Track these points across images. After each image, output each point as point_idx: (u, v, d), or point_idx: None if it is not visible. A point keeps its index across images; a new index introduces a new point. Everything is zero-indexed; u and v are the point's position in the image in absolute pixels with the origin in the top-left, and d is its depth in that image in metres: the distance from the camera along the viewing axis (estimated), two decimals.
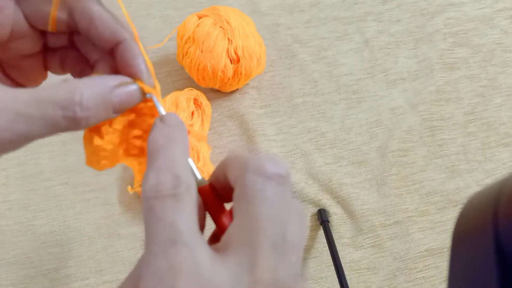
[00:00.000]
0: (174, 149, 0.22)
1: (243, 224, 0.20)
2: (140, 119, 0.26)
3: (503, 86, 0.66)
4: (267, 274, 0.19)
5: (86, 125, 0.22)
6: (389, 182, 0.59)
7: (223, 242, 0.21)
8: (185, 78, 0.65)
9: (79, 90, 0.22)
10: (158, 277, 0.19)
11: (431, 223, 0.57)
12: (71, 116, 0.22)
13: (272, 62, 0.67)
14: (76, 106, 0.21)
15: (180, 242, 0.19)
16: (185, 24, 0.61)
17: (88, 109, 0.22)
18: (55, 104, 0.21)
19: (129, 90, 0.24)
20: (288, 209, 0.21)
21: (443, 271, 0.55)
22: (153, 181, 0.21)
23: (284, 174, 0.21)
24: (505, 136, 0.63)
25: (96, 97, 0.22)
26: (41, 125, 0.21)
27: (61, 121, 0.21)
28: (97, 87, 0.23)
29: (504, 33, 0.70)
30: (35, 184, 0.58)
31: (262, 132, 0.62)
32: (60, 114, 0.21)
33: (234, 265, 0.19)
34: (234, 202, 0.21)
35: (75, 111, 0.22)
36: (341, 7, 0.72)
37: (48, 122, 0.21)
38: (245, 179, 0.21)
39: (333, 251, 0.53)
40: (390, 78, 0.67)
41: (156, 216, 0.20)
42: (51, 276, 0.54)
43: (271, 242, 0.20)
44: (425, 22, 0.71)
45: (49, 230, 0.56)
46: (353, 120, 0.64)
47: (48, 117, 0.21)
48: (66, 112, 0.21)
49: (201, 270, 0.19)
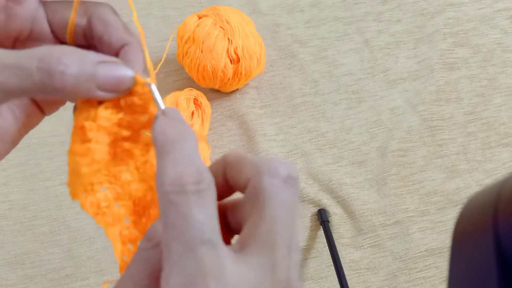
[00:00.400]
0: (189, 143, 0.21)
1: (261, 226, 0.20)
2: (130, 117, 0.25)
3: (503, 86, 0.66)
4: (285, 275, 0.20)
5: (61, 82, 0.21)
6: (389, 182, 0.59)
7: (241, 243, 0.21)
8: (185, 78, 0.65)
9: (60, 49, 0.22)
10: (187, 279, 0.18)
11: (431, 223, 0.57)
12: (45, 67, 0.21)
13: (272, 62, 0.67)
14: (52, 58, 0.21)
15: (208, 243, 0.19)
16: (185, 24, 0.61)
17: (66, 65, 0.21)
18: (32, 56, 0.21)
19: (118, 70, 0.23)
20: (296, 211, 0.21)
21: (443, 271, 0.55)
22: (174, 174, 0.20)
23: (296, 177, 0.21)
24: (505, 136, 0.63)
25: (78, 60, 0.22)
26: (14, 74, 0.21)
27: (35, 73, 0.21)
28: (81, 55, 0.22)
29: (504, 33, 0.70)
30: (35, 184, 0.58)
31: (262, 132, 0.62)
32: (35, 64, 0.21)
33: (256, 266, 0.19)
34: (247, 204, 0.21)
35: (51, 62, 0.21)
36: (341, 7, 0.72)
37: (22, 72, 0.21)
38: (262, 181, 0.21)
39: (333, 251, 0.53)
40: (390, 78, 0.67)
41: (181, 213, 0.19)
42: (51, 276, 0.54)
43: (287, 243, 0.20)
44: (425, 22, 0.71)
45: (49, 230, 0.56)
46: (353, 120, 0.64)
47: (22, 67, 0.21)
48: (41, 63, 0.21)
49: (229, 271, 0.19)
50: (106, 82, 0.23)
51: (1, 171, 0.59)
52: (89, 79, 0.22)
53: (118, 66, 0.23)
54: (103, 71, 0.22)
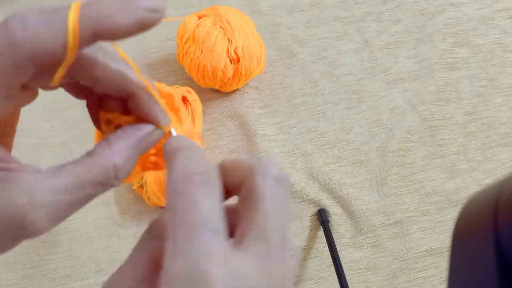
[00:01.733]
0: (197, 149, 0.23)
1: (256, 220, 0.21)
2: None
3: (503, 86, 0.66)
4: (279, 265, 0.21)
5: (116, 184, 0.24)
6: (389, 182, 0.59)
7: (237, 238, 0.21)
8: (185, 78, 0.65)
9: (113, 162, 0.23)
10: (190, 260, 0.19)
11: (431, 223, 0.57)
12: (108, 188, 0.23)
13: (272, 62, 0.67)
14: (112, 180, 0.23)
15: (214, 229, 0.20)
16: (185, 24, 0.61)
17: (123, 176, 0.23)
18: (94, 185, 0.22)
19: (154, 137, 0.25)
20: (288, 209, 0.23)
21: (443, 271, 0.55)
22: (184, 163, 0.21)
23: (287, 178, 0.23)
24: (505, 136, 0.63)
25: (128, 158, 0.23)
26: (83, 201, 0.22)
27: (100, 192, 0.23)
28: (128, 150, 0.23)
29: (504, 33, 0.70)
30: None
31: (262, 132, 0.62)
32: (99, 190, 0.23)
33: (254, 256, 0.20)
34: (241, 202, 0.23)
35: (112, 184, 0.23)
36: (341, 7, 0.72)
37: (90, 198, 0.23)
38: (255, 181, 0.22)
39: (333, 251, 0.53)
40: (390, 78, 0.67)
41: (188, 199, 0.20)
42: (51, 276, 0.54)
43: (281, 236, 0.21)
44: (425, 22, 0.71)
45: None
46: (353, 120, 0.64)
47: (89, 195, 0.22)
48: (104, 188, 0.23)
49: (231, 258, 0.20)
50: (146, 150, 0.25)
51: None
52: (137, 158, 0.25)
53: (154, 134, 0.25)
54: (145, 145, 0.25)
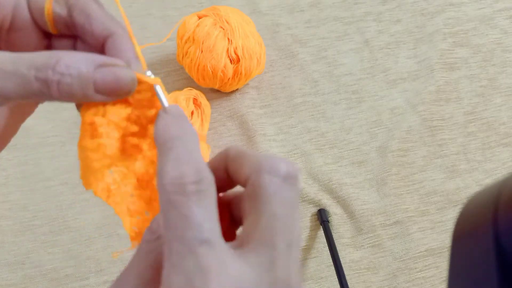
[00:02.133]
0: (190, 140, 0.22)
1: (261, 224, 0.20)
2: (138, 111, 0.25)
3: (503, 86, 0.66)
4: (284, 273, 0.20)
5: (57, 92, 0.22)
6: (389, 182, 0.59)
7: (240, 240, 0.21)
8: (185, 78, 0.65)
9: (58, 55, 0.22)
10: (187, 278, 0.19)
11: (431, 223, 0.57)
12: (42, 77, 0.21)
13: (272, 62, 0.67)
14: (49, 69, 0.21)
15: (208, 243, 0.19)
16: (185, 24, 0.61)
17: (62, 75, 0.22)
18: (30, 65, 0.21)
19: (117, 71, 0.23)
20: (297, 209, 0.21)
21: (443, 271, 0.55)
22: (174, 173, 0.20)
23: (296, 175, 0.21)
24: (505, 136, 0.63)
25: (75, 66, 0.22)
26: (13, 82, 0.21)
27: (33, 82, 0.21)
28: (79, 59, 0.22)
29: (504, 33, 0.70)
30: (35, 184, 0.58)
31: (262, 132, 0.62)
32: (32, 74, 0.21)
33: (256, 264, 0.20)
34: (247, 200, 0.22)
35: (47, 73, 0.21)
36: (341, 7, 0.72)
37: (21, 80, 0.21)
38: (261, 179, 0.21)
39: (333, 251, 0.53)
40: (390, 78, 0.67)
41: (181, 214, 0.19)
42: (51, 276, 0.54)
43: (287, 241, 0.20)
44: (425, 22, 0.71)
45: (49, 230, 0.56)
46: (353, 120, 0.64)
47: (21, 75, 0.21)
48: (38, 73, 0.21)
49: (229, 270, 0.19)
50: (105, 87, 0.23)
51: (1, 171, 0.59)
52: (87, 86, 0.22)
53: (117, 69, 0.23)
54: (102, 76, 0.22)
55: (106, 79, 0.22)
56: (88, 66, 0.22)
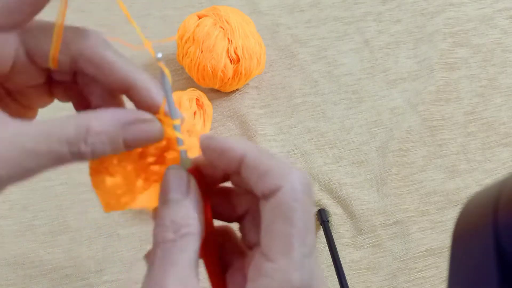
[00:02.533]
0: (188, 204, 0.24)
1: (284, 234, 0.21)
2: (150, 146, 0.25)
3: (503, 86, 0.66)
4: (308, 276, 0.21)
5: (91, 158, 0.22)
6: (389, 182, 0.59)
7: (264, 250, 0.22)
8: (185, 78, 0.65)
9: (86, 125, 0.22)
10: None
11: (431, 223, 0.57)
12: (76, 151, 0.22)
13: (272, 62, 0.67)
14: (81, 142, 0.22)
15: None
16: (185, 24, 0.61)
17: (94, 145, 0.22)
18: (62, 140, 0.21)
19: (146, 127, 0.23)
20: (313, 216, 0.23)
21: (443, 271, 0.55)
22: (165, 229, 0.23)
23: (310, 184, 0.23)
24: (505, 136, 0.63)
25: (105, 131, 0.22)
26: (48, 159, 0.21)
27: (67, 156, 0.22)
28: (107, 121, 0.22)
29: (504, 33, 0.70)
30: (35, 184, 0.58)
31: (262, 132, 0.62)
32: (66, 150, 0.22)
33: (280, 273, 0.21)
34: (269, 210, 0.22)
35: (80, 147, 0.22)
36: (341, 7, 0.72)
37: (55, 157, 0.21)
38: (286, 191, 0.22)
39: (333, 251, 0.53)
40: (390, 78, 0.67)
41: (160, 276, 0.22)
42: (51, 276, 0.54)
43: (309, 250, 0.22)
44: (425, 22, 0.71)
45: (49, 230, 0.56)
46: (353, 120, 0.64)
47: (55, 153, 0.21)
48: (72, 148, 0.22)
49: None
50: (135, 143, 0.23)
51: None
52: (117, 146, 0.23)
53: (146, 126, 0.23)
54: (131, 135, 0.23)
55: (136, 137, 0.23)
56: (117, 127, 0.22)
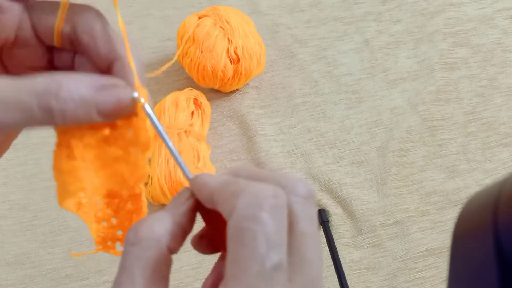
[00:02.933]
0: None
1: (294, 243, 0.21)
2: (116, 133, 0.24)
3: (503, 86, 0.66)
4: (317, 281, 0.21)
5: (62, 118, 0.21)
6: (389, 182, 0.59)
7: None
8: (185, 78, 0.65)
9: (59, 81, 0.21)
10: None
11: (431, 223, 0.57)
12: (45, 106, 0.21)
13: (272, 62, 0.67)
14: (51, 96, 0.21)
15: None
16: (185, 24, 0.61)
17: (65, 102, 0.21)
18: (32, 92, 0.21)
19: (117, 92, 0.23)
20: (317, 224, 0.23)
21: (443, 271, 0.55)
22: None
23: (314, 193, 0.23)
24: (505, 136, 0.63)
25: (77, 90, 0.21)
26: (16, 111, 0.21)
27: (36, 110, 0.21)
28: (80, 82, 0.22)
29: (504, 33, 0.70)
30: (35, 184, 0.58)
31: (262, 132, 0.62)
32: (35, 102, 0.21)
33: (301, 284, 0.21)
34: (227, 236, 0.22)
35: (50, 101, 0.21)
36: (341, 7, 0.72)
37: (23, 109, 0.21)
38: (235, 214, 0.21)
39: (333, 251, 0.53)
40: (390, 78, 0.67)
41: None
42: (51, 276, 0.54)
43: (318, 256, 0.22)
44: (425, 22, 0.71)
45: (49, 230, 0.56)
46: (353, 120, 0.64)
47: (23, 104, 0.21)
48: (41, 101, 0.21)
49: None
50: (107, 109, 0.22)
51: (1, 171, 0.59)
52: (90, 109, 0.22)
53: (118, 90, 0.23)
54: (103, 98, 0.22)
55: (108, 101, 0.22)
56: (89, 89, 0.22)
